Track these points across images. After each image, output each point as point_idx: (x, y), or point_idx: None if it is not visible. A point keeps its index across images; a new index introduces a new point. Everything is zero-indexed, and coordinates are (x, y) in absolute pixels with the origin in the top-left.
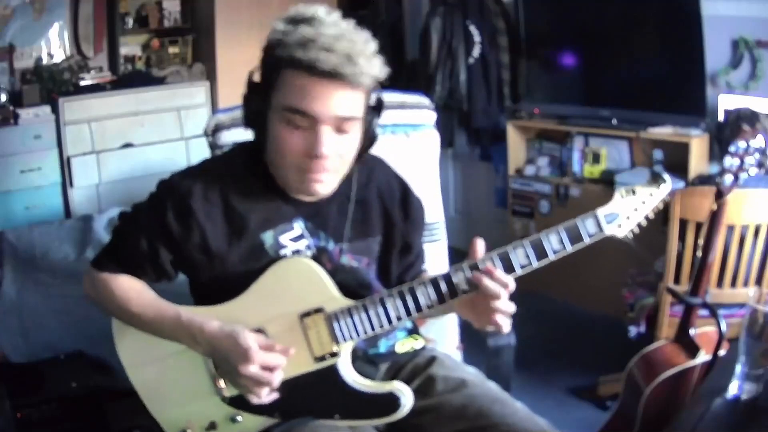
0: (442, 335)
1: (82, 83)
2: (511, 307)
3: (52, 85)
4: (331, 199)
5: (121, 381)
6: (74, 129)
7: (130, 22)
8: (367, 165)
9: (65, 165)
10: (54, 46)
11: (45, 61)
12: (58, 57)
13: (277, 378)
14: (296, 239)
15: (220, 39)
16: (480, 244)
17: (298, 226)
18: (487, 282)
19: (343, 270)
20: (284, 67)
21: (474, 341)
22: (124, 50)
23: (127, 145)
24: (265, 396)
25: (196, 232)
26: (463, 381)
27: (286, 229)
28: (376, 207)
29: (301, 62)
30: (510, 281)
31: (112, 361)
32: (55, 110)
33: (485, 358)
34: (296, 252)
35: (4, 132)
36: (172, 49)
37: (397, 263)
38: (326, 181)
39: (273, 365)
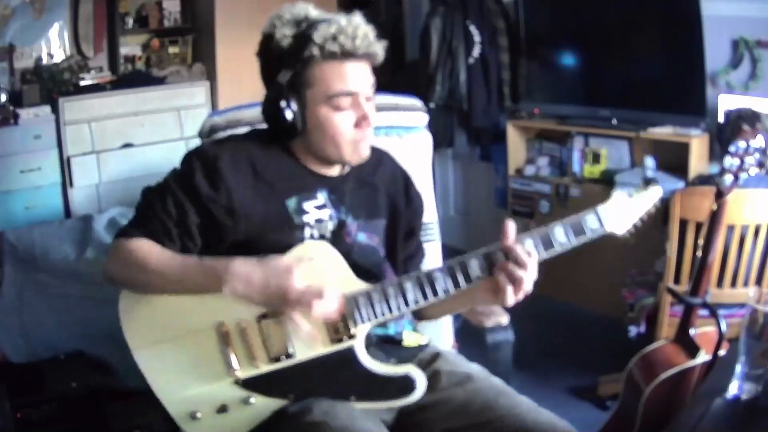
0: (437, 335)
1: (82, 83)
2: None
3: (52, 85)
4: (347, 178)
5: (121, 381)
6: (74, 129)
7: (130, 22)
8: (376, 154)
9: (65, 165)
10: (54, 46)
11: (45, 61)
12: (58, 57)
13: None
14: (319, 208)
15: (220, 39)
16: (511, 227)
17: (321, 196)
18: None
19: (359, 248)
20: (315, 63)
21: (469, 340)
22: (124, 50)
23: (127, 145)
24: (333, 301)
25: (224, 192)
26: (468, 376)
27: (310, 197)
28: (382, 191)
29: (336, 53)
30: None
31: (112, 361)
32: (55, 110)
33: (483, 355)
34: (318, 221)
35: (4, 132)
36: (172, 49)
37: (402, 249)
38: (369, 143)
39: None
